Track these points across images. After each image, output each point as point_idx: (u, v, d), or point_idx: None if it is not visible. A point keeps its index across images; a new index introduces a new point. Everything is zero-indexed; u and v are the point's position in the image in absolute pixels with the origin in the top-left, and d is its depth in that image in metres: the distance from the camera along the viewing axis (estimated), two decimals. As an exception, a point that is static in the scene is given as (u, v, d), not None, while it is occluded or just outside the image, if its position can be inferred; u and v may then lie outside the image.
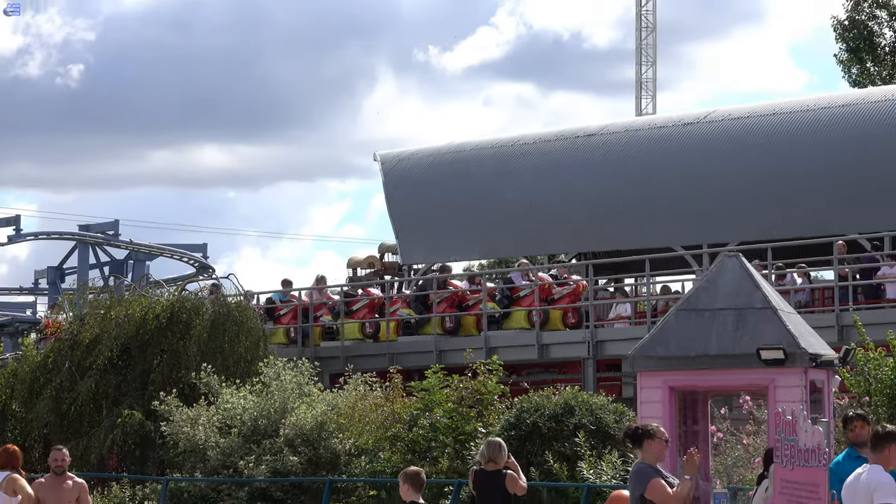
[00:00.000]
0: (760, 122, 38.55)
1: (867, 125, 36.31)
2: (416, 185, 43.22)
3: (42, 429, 32.98)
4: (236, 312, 33.92)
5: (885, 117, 36.23)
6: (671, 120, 41.88)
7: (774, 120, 38.37)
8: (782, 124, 37.97)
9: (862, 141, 35.90)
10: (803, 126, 37.48)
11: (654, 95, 79.18)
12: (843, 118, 37.07)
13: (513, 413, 26.33)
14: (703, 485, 17.99)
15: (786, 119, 38.17)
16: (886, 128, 35.81)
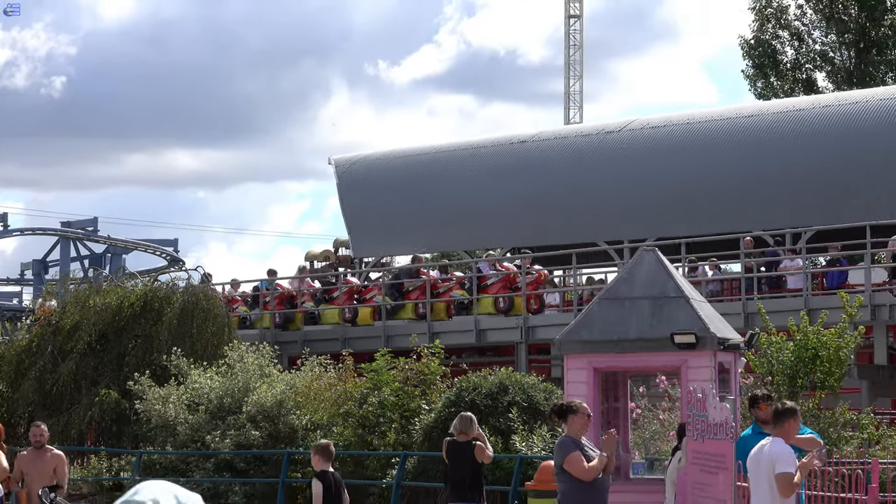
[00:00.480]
0: (675, 130, 38.64)
1: (770, 134, 36.45)
2: (367, 186, 43.18)
3: (27, 407, 32.80)
4: (204, 301, 33.80)
5: (785, 127, 36.38)
6: (596, 128, 41.92)
7: (688, 129, 38.48)
8: (695, 133, 38.07)
9: (766, 147, 36.03)
10: (714, 134, 37.58)
11: (580, 106, 79.25)
12: (749, 127, 37.19)
13: (453, 392, 26.25)
14: (624, 455, 18.00)
15: (698, 128, 38.27)
16: (786, 136, 35.96)
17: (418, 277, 36.74)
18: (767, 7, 62.43)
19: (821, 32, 62.12)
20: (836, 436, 20.89)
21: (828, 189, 34.26)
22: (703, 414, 14.51)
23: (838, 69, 61.33)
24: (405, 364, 27.85)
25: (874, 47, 60.35)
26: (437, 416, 25.96)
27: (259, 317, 38.02)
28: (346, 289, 37.81)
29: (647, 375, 19.42)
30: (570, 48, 79.57)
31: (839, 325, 22.20)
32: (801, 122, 36.61)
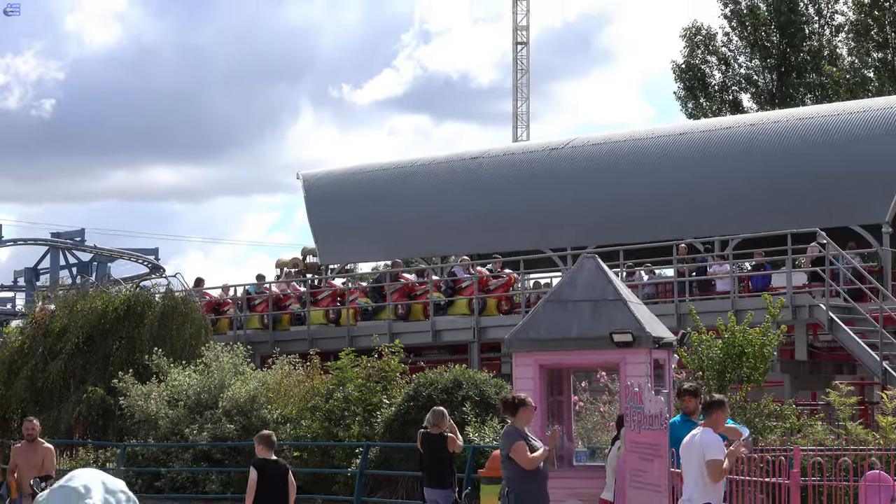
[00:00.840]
0: (614, 147, 38.72)
1: (700, 150, 36.59)
2: (332, 199, 43.15)
3: (20, 403, 32.68)
4: (182, 305, 33.76)
5: (714, 144, 36.54)
6: (541, 146, 42.01)
7: (625, 145, 38.56)
8: (632, 149, 38.15)
9: (696, 162, 36.18)
10: (649, 151, 37.68)
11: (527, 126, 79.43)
12: (681, 144, 37.33)
13: (411, 387, 26.27)
14: (568, 445, 18.02)
15: (634, 145, 38.36)
16: (715, 152, 36.11)
17: (398, 281, 36.54)
18: (697, 35, 62.68)
19: (745, 58, 62.40)
20: (761, 425, 20.99)
21: (753, 200, 34.40)
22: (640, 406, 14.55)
23: (762, 91, 61.61)
24: (367, 362, 27.85)
25: (794, 71, 60.66)
26: (397, 409, 25.97)
27: (249, 318, 37.77)
28: (329, 292, 37.66)
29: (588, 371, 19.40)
30: (518, 72, 79.74)
31: (763, 325, 22.33)
32: (728, 139, 36.77)
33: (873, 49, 59.86)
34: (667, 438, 14.15)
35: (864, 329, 28.33)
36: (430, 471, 18.80)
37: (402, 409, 25.86)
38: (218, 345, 31.08)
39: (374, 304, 36.09)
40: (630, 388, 14.90)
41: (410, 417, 25.64)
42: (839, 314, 28.64)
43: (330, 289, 38.08)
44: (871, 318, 28.18)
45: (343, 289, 38.26)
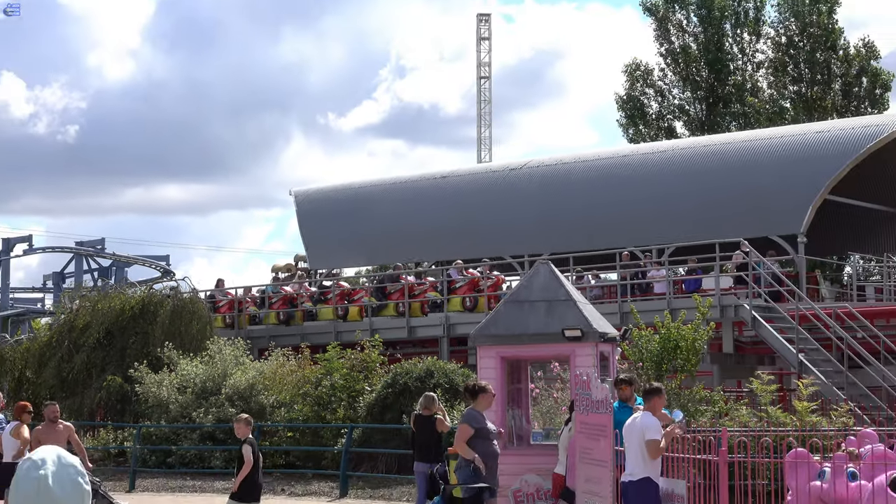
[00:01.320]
0: (565, 167, 38.78)
1: (639, 170, 36.68)
2: (320, 212, 43.09)
3: (48, 390, 32.51)
4: (190, 305, 33.66)
5: (652, 164, 36.64)
6: (502, 166, 42.03)
7: (574, 166, 38.62)
8: (580, 169, 38.23)
9: (636, 180, 36.24)
10: (596, 170, 37.77)
11: (490, 149, 79.46)
12: (623, 165, 37.41)
13: (389, 376, 26.22)
14: (525, 426, 17.99)
15: (583, 166, 38.44)
16: (652, 171, 36.20)
17: (398, 282, 36.24)
18: (636, 70, 62.76)
19: (679, 90, 62.50)
20: (694, 409, 20.97)
21: (685, 213, 34.49)
22: (588, 393, 14.53)
23: (693, 119, 61.73)
24: (351, 354, 27.79)
25: (721, 102, 60.81)
26: (378, 395, 25.91)
27: (266, 315, 37.43)
28: (338, 291, 37.35)
29: (543, 362, 19.39)
30: (481, 103, 79.78)
31: (695, 322, 22.31)
32: (663, 161, 36.86)
33: (789, 83, 60.09)
34: (611, 420, 14.13)
35: (783, 326, 28.38)
36: (420, 447, 18.81)
37: (381, 395, 25.80)
38: (221, 339, 31.00)
39: (377, 302, 35.65)
40: (579, 376, 14.88)
41: (389, 402, 25.60)
42: (761, 313, 28.70)
43: (339, 289, 37.71)
44: (789, 317, 28.24)
45: (350, 289, 37.90)
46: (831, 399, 24.63)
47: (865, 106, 57.58)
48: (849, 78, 58.36)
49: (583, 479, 14.66)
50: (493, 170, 42.17)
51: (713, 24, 61.03)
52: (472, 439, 14.83)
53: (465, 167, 45.59)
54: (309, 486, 25.27)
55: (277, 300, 37.54)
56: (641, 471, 13.37)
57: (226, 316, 37.62)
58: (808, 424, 19.06)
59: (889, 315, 30.06)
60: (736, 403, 22.32)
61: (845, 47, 58.94)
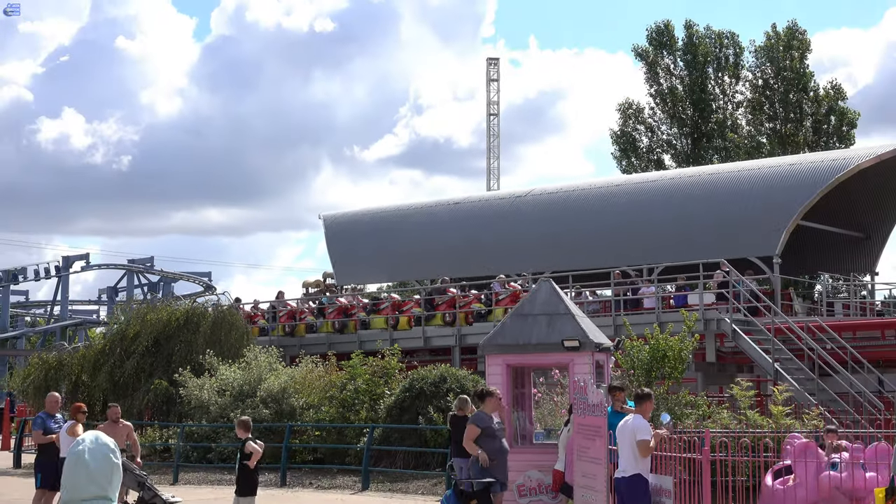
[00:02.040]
0: (565, 195, 38.73)
1: (632, 197, 36.62)
2: (346, 234, 43.08)
3: (102, 392, 32.43)
4: (229, 316, 33.58)
5: (643, 192, 36.59)
6: (509, 194, 41.97)
7: (573, 194, 38.55)
8: (578, 197, 38.15)
9: (629, 206, 36.18)
10: (592, 198, 37.69)
11: (498, 178, 79.37)
12: (617, 193, 37.34)
13: (407, 381, 26.08)
14: (528, 427, 17.88)
15: (581, 193, 38.36)
16: (643, 199, 36.14)
17: (445, 294, 35.28)
18: (629, 108, 62.80)
19: (666, 126, 62.49)
20: (680, 412, 20.84)
21: (672, 236, 34.39)
22: (585, 397, 14.43)
23: (679, 152, 61.67)
24: (373, 362, 27.68)
25: (704, 137, 60.76)
26: (396, 398, 25.78)
27: (322, 324, 36.76)
28: (389, 303, 36.47)
29: (545, 369, 19.29)
30: (490, 137, 79.76)
31: (681, 334, 22.20)
32: (653, 189, 36.81)
33: (765, 120, 60.03)
34: (605, 422, 14.02)
35: (760, 338, 28.23)
36: (456, 444, 18.65)
37: (399, 398, 25.67)
38: (257, 347, 30.92)
39: (426, 312, 34.61)
40: (577, 382, 14.79)
41: (406, 405, 25.45)
42: (740, 326, 28.55)
43: (389, 300, 37.06)
44: (765, 330, 28.10)
45: (399, 300, 36.99)
46: (803, 404, 24.51)
47: (834, 141, 57.48)
48: (819, 116, 58.29)
49: (580, 474, 14.55)
50: (501, 197, 42.11)
51: (697, 67, 61.03)
52: (479, 438, 14.76)
53: (475, 194, 45.53)
54: (334, 480, 25.16)
55: (333, 310, 37.17)
56: (633, 468, 13.27)
57: (285, 325, 37.25)
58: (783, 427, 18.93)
59: (855, 328, 29.92)
60: (718, 407, 22.17)
61: (815, 89, 58.90)
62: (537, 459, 16.59)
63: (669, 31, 61.84)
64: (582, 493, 14.38)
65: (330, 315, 37.04)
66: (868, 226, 38.52)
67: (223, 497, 22.91)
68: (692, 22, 61.62)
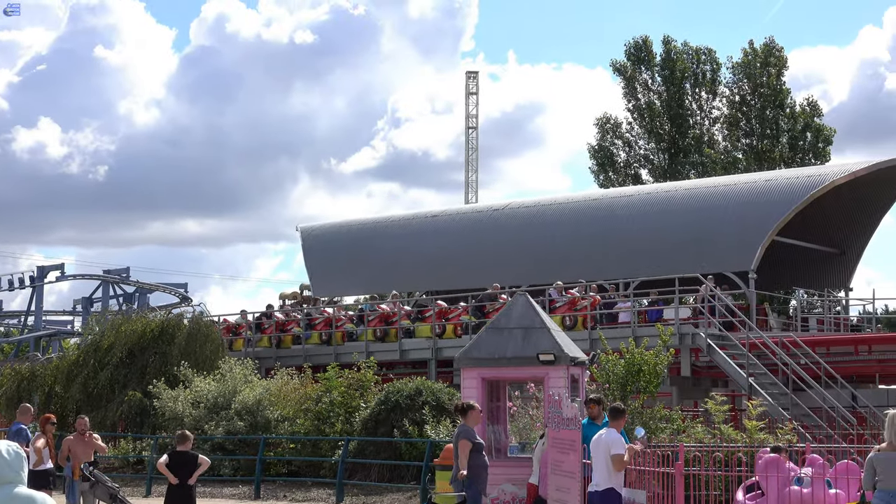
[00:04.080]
0: (542, 209, 38.81)
1: (609, 211, 36.74)
2: (323, 246, 43.02)
3: (75, 404, 32.24)
4: (204, 328, 33.47)
5: (620, 207, 36.69)
6: (486, 207, 42.02)
7: (551, 208, 38.65)
8: (556, 211, 38.25)
9: (606, 221, 36.31)
10: (569, 212, 37.78)
11: (476, 191, 79.38)
12: (594, 207, 37.47)
13: (382, 394, 26.06)
14: (504, 440, 17.87)
15: (558, 207, 38.46)
16: (620, 213, 36.26)
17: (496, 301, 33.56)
18: (607, 123, 62.95)
19: (644, 141, 62.66)
20: (654, 426, 20.88)
21: (649, 250, 34.48)
22: (559, 411, 14.45)
23: (656, 167, 61.85)
24: (349, 374, 27.64)
25: (681, 152, 60.96)
26: (372, 411, 25.76)
27: (363, 332, 35.58)
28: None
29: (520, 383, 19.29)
30: (469, 150, 79.81)
31: (656, 348, 22.24)
32: (630, 204, 36.91)
33: (742, 136, 60.31)
34: (580, 436, 14.04)
35: (735, 352, 28.34)
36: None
37: (375, 411, 25.64)
38: (231, 359, 30.84)
39: (476, 320, 33.21)
40: (552, 396, 14.81)
41: (382, 418, 25.43)
42: (715, 341, 28.66)
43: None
44: (740, 344, 28.20)
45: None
46: (777, 418, 24.59)
47: (809, 157, 57.79)
48: (795, 133, 58.59)
49: (554, 488, 14.55)
50: (479, 210, 42.15)
51: (675, 83, 61.26)
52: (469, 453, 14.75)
53: (453, 208, 45.56)
54: (308, 493, 25.10)
55: (374, 318, 36.25)
56: (606, 482, 13.29)
57: (321, 333, 36.31)
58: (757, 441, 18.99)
59: (829, 343, 30.07)
60: (692, 422, 22.23)
61: (792, 106, 59.22)
62: (512, 473, 16.60)
63: (647, 47, 62.07)
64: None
65: (371, 323, 36.31)
66: (842, 242, 38.74)
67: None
68: (670, 38, 61.84)
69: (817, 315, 39.14)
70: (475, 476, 14.56)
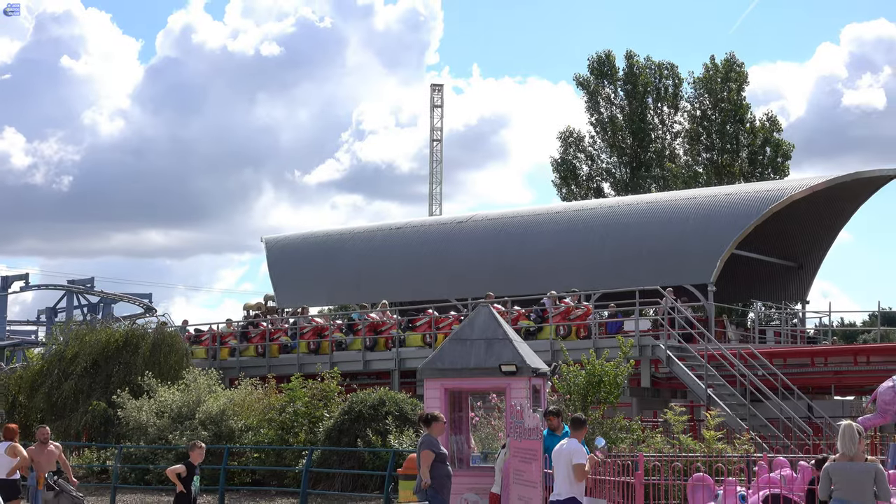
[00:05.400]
0: (505, 221, 38.97)
1: (570, 224, 36.93)
2: (288, 257, 42.98)
3: (38, 413, 32.05)
4: (169, 338, 33.33)
5: (581, 220, 36.89)
6: (450, 219, 42.15)
7: (514, 220, 38.81)
8: (519, 223, 38.41)
9: (567, 233, 36.49)
10: (532, 224, 37.97)
11: (440, 204, 79.44)
12: (556, 220, 37.64)
13: (346, 404, 26.07)
14: (466, 450, 17.95)
15: (521, 220, 38.63)
16: (581, 226, 36.45)
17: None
18: (570, 137, 63.25)
19: (606, 155, 62.98)
20: (615, 437, 21.02)
21: (610, 263, 34.69)
22: (521, 421, 14.55)
23: (618, 181, 62.17)
24: (312, 384, 27.62)
25: (643, 166, 61.31)
26: (335, 421, 25.76)
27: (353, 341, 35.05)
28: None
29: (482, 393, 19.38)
30: (433, 163, 79.91)
31: (616, 360, 22.37)
32: (592, 217, 37.13)
33: (703, 151, 60.75)
34: (541, 445, 14.15)
35: (694, 364, 28.54)
36: None
37: (339, 421, 25.65)
38: (196, 369, 30.73)
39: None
40: (514, 407, 14.91)
41: (345, 427, 25.45)
42: (674, 352, 28.85)
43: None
44: (699, 356, 28.40)
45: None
46: (735, 429, 24.79)
47: (769, 172, 58.29)
48: (754, 147, 59.09)
49: (516, 497, 14.65)
50: (442, 222, 42.25)
51: (637, 98, 61.66)
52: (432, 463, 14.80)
53: (417, 220, 45.64)
54: (272, 503, 25.07)
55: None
56: (567, 491, 13.40)
57: (309, 342, 35.62)
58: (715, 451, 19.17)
59: (786, 355, 30.35)
60: (652, 432, 22.38)
61: (752, 121, 59.71)
62: (474, 482, 16.67)
63: (610, 61, 62.44)
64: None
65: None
66: (800, 255, 39.15)
67: (160, 519, 22.75)
68: (633, 52, 62.25)
69: (775, 327, 39.51)
70: (439, 486, 14.63)
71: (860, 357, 29.64)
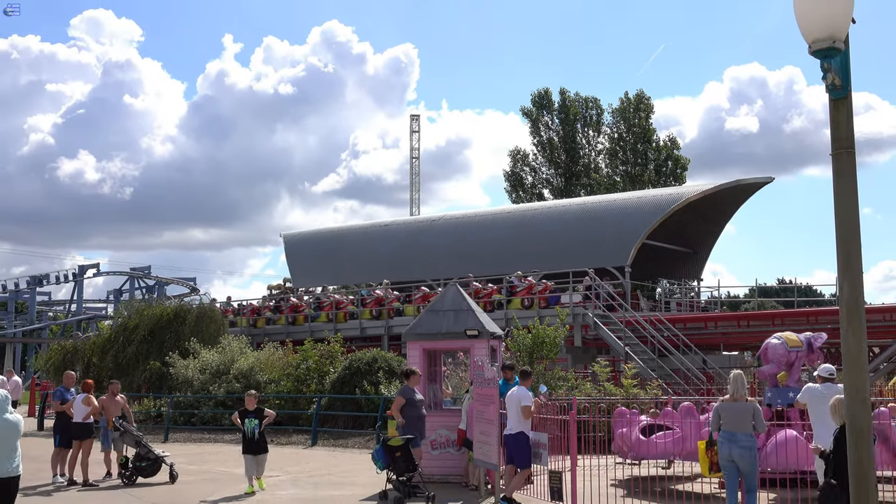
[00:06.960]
0: (469, 219, 38.85)
1: (520, 221, 36.85)
2: (301, 249, 42.78)
3: (108, 371, 31.68)
4: (209, 312, 33.05)
5: (528, 218, 36.83)
6: (427, 218, 41.97)
7: (476, 219, 38.70)
8: (479, 221, 38.31)
9: (517, 228, 36.41)
10: (489, 222, 37.86)
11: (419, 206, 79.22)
12: (508, 218, 37.57)
13: (347, 361, 25.89)
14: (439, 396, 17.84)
15: (481, 219, 38.52)
16: (528, 223, 36.39)
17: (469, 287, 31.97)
18: (517, 155, 63.28)
19: (546, 168, 63.06)
20: (554, 384, 20.99)
21: (550, 251, 34.67)
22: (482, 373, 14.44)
23: (555, 188, 62.26)
24: (321, 347, 27.45)
25: (574, 177, 61.41)
26: (339, 375, 25.59)
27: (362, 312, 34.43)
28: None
29: (452, 352, 19.30)
30: (413, 175, 79.69)
31: (555, 325, 22.37)
32: (536, 215, 37.08)
33: (620, 164, 60.87)
34: (496, 392, 14.05)
35: (615, 328, 28.56)
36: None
37: (341, 374, 25.47)
38: (230, 335, 30.47)
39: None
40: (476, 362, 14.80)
41: (346, 380, 25.28)
42: (600, 319, 28.86)
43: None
44: (619, 322, 28.44)
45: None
46: (646, 378, 24.83)
47: (671, 181, 58.49)
48: (659, 161, 59.29)
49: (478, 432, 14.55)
50: (420, 221, 42.13)
51: (569, 124, 61.73)
52: (405, 407, 14.68)
53: (401, 219, 45.49)
54: (290, 438, 24.88)
55: (371, 301, 34.92)
56: (517, 427, 13.31)
57: (328, 313, 35.16)
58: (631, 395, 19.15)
59: (686, 321, 30.41)
60: (583, 381, 22.37)
61: (657, 141, 59.89)
62: (446, 421, 16.58)
63: (548, 96, 62.48)
64: (479, 446, 14.39)
65: (369, 305, 34.91)
66: (695, 244, 39.26)
67: (205, 451, 22.56)
68: (565, 89, 62.37)
69: (676, 299, 39.62)
70: (412, 424, 14.58)
71: (742, 322, 29.74)
